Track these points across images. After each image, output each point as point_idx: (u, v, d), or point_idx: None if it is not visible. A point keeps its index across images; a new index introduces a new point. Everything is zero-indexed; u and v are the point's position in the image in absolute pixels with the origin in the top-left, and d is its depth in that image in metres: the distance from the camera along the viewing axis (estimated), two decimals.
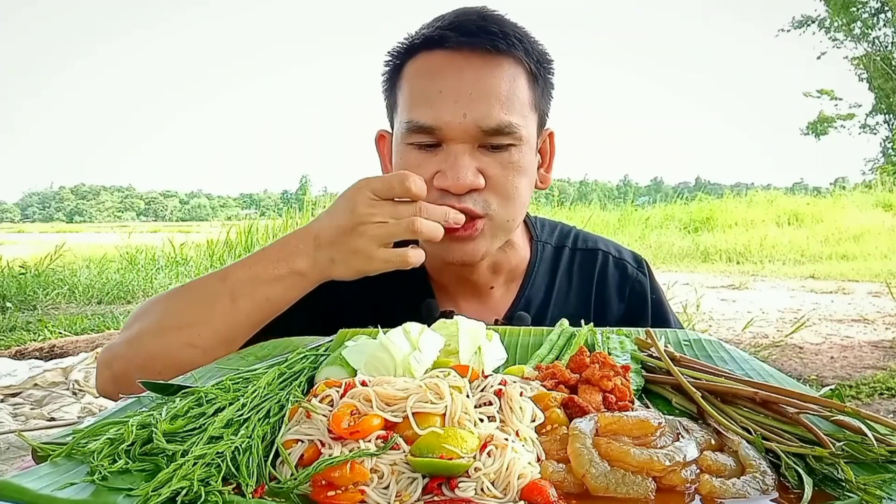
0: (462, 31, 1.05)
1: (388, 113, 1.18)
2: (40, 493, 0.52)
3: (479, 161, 1.05)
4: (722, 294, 7.61)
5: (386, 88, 1.17)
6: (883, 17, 19.56)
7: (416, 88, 1.08)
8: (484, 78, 1.04)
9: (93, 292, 7.68)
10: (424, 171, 1.05)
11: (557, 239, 1.31)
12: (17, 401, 3.64)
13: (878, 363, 4.52)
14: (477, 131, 1.03)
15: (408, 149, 1.08)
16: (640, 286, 1.29)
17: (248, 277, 1.00)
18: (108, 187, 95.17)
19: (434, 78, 1.06)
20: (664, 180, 78.01)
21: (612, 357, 0.79)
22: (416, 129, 1.05)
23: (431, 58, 1.08)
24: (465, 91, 1.03)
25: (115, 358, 1.05)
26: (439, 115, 1.03)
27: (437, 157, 1.06)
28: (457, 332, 0.82)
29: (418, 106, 1.06)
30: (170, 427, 0.61)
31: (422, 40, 1.09)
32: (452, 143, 1.04)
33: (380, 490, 0.55)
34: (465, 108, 1.03)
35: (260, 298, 1.00)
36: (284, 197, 55.03)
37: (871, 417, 0.65)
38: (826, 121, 21.67)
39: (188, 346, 0.99)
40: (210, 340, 0.99)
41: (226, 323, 1.00)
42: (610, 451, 0.59)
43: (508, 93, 1.05)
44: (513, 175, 1.07)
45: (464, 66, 1.05)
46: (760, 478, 0.58)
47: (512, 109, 1.05)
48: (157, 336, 1.02)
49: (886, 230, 11.55)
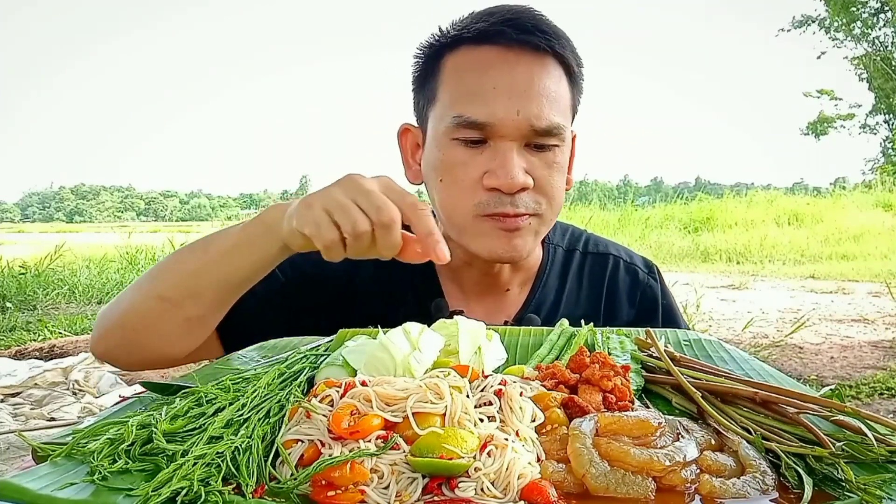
0: (518, 28, 1.05)
1: (417, 107, 1.16)
2: (40, 493, 0.52)
3: (526, 161, 1.05)
4: (722, 294, 7.61)
5: (419, 82, 1.15)
6: (883, 17, 19.56)
7: (466, 83, 1.06)
8: (536, 76, 1.04)
9: (93, 292, 7.68)
10: (472, 169, 1.04)
11: (569, 242, 1.31)
12: (17, 401, 3.64)
13: (878, 363, 4.52)
14: (528, 129, 1.03)
15: (453, 144, 1.06)
16: (651, 291, 1.29)
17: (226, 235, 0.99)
18: (108, 187, 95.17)
19: (486, 73, 1.04)
20: (664, 180, 78.02)
21: (611, 357, 0.79)
22: (466, 125, 1.04)
23: (479, 52, 1.06)
24: (518, 88, 1.03)
25: (101, 316, 1.07)
26: (492, 112, 1.02)
27: (483, 154, 1.04)
28: (457, 332, 0.82)
29: (469, 101, 1.04)
30: (170, 427, 0.61)
31: (472, 34, 1.07)
32: (501, 141, 1.03)
33: (380, 490, 0.55)
34: (518, 106, 1.02)
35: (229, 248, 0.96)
36: (284, 197, 55.06)
37: (871, 417, 0.65)
38: (826, 121, 21.67)
39: (158, 298, 0.99)
40: (180, 294, 0.98)
41: (195, 274, 0.98)
42: (610, 451, 0.59)
43: (556, 93, 1.06)
44: (556, 175, 1.07)
45: (516, 63, 1.04)
46: (760, 478, 0.58)
47: (559, 110, 1.06)
48: (133, 290, 1.03)
49: (886, 230, 11.55)
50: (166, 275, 1.01)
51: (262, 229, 0.93)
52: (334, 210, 0.81)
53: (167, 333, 1.01)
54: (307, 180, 21.95)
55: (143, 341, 1.03)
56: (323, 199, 0.82)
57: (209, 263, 0.97)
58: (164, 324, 1.00)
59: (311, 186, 15.47)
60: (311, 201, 0.84)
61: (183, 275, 0.99)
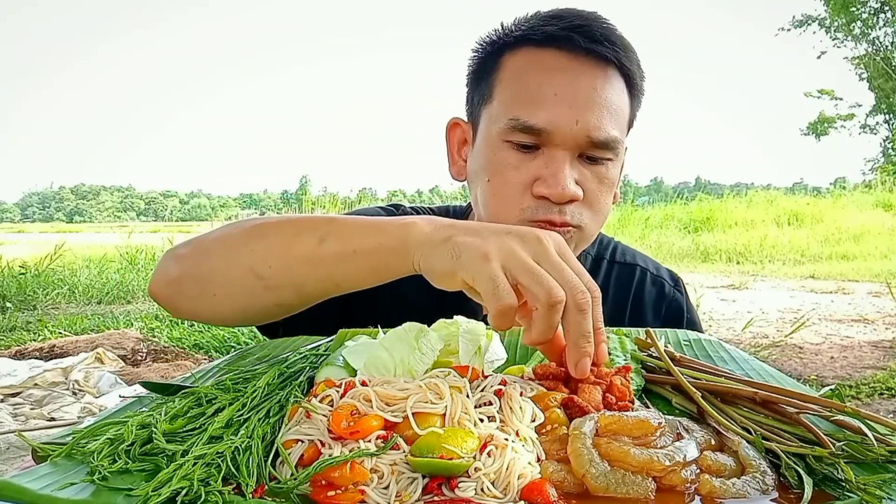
0: (587, 37, 1.02)
1: (470, 103, 1.13)
2: (40, 493, 0.52)
3: (578, 172, 1.02)
4: (722, 294, 7.61)
5: (474, 78, 1.12)
6: (883, 17, 19.55)
7: (526, 85, 1.03)
8: (599, 87, 1.02)
9: (93, 292, 7.69)
10: (523, 174, 1.02)
11: (597, 250, 1.30)
12: (17, 401, 3.64)
13: (878, 363, 4.53)
14: (585, 140, 1.00)
15: (505, 146, 1.03)
16: (678, 305, 1.29)
17: (348, 227, 0.84)
18: (108, 187, 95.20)
19: (549, 78, 1.02)
20: (664, 180, 78.02)
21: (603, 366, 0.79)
22: (522, 129, 1.01)
23: (543, 56, 1.03)
24: (580, 97, 1.00)
25: (175, 257, 0.95)
26: (552, 119, 0.99)
27: (535, 160, 1.02)
28: (457, 332, 0.82)
29: (528, 104, 1.01)
30: (170, 427, 0.61)
31: (540, 35, 1.04)
32: (555, 149, 1.01)
33: (380, 490, 0.55)
34: (578, 115, 0.99)
35: (347, 250, 0.82)
36: (284, 197, 55.03)
37: (871, 417, 0.65)
38: (826, 121, 21.67)
39: (252, 273, 0.87)
40: (277, 278, 0.86)
41: (303, 263, 0.85)
42: (610, 451, 0.59)
43: (617, 107, 1.03)
44: (605, 191, 1.05)
45: (581, 72, 1.02)
46: (760, 478, 0.58)
47: (618, 124, 1.03)
48: (229, 250, 0.90)
49: (886, 230, 11.55)
50: (269, 249, 0.87)
51: (399, 250, 0.78)
52: (520, 273, 0.68)
53: (255, 307, 0.91)
54: (307, 180, 22.05)
55: (224, 306, 0.93)
56: (503, 253, 0.69)
57: (325, 258, 0.83)
58: (253, 299, 0.89)
59: (311, 186, 15.54)
60: (488, 251, 0.69)
61: (290, 259, 0.86)
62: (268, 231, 0.89)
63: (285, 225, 0.89)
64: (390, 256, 0.79)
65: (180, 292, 0.94)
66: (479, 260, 0.69)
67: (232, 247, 0.90)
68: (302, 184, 16.46)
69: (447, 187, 21.63)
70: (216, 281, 0.90)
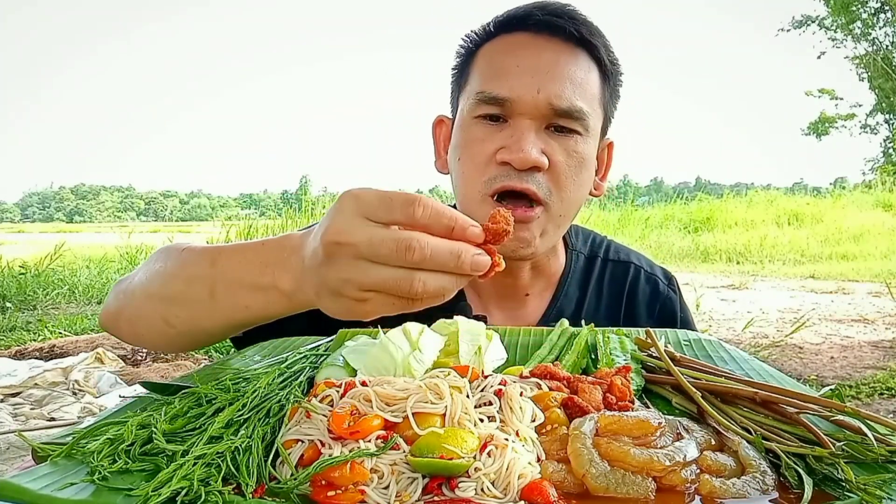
0: (548, 11, 1.07)
1: (452, 97, 1.18)
2: (40, 493, 0.52)
3: (544, 142, 1.04)
4: (722, 294, 7.61)
5: (456, 73, 1.17)
6: (883, 16, 19.55)
7: (492, 63, 1.08)
8: (562, 60, 1.06)
9: (93, 292, 7.68)
10: (488, 145, 1.05)
11: (590, 249, 1.30)
12: (17, 401, 3.64)
13: (878, 363, 4.52)
14: (548, 109, 1.03)
15: (474, 122, 1.07)
16: (671, 304, 1.29)
17: (233, 277, 0.84)
18: (108, 187, 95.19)
19: (513, 53, 1.07)
20: (664, 180, 78.00)
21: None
22: (487, 100, 1.05)
23: (512, 37, 1.09)
24: (542, 68, 1.04)
25: (116, 296, 1.01)
26: (512, 87, 1.03)
27: (502, 132, 1.05)
28: (457, 332, 0.82)
29: (492, 78, 1.06)
30: (170, 427, 0.61)
31: (503, 20, 1.10)
32: (520, 118, 1.04)
33: (380, 490, 0.55)
34: (539, 84, 1.03)
35: (239, 304, 0.83)
36: (284, 197, 55.03)
37: (871, 417, 0.65)
38: (827, 121, 21.66)
39: (164, 322, 0.91)
40: (185, 325, 0.90)
41: (202, 315, 0.88)
42: (610, 451, 0.59)
43: (583, 81, 1.06)
44: (574, 165, 1.06)
45: (544, 46, 1.06)
46: (760, 478, 0.58)
47: (584, 96, 1.06)
48: (144, 299, 0.95)
49: (886, 230, 11.55)
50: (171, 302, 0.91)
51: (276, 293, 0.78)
52: (384, 284, 0.63)
53: (174, 346, 0.97)
54: (307, 180, 22.06)
55: (151, 344, 1.00)
56: (339, 279, 0.65)
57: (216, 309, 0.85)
58: (171, 341, 0.94)
59: (311, 186, 15.41)
60: (335, 287, 0.66)
61: (189, 307, 0.88)
62: (170, 280, 0.92)
63: (182, 273, 0.91)
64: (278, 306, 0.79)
65: (119, 329, 1.01)
66: (333, 299, 0.67)
67: (146, 297, 0.94)
68: (302, 184, 16.43)
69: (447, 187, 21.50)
70: (141, 323, 0.96)
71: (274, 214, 13.28)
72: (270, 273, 0.79)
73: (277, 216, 11.34)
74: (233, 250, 0.87)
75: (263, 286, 0.79)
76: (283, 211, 10.93)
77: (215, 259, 0.87)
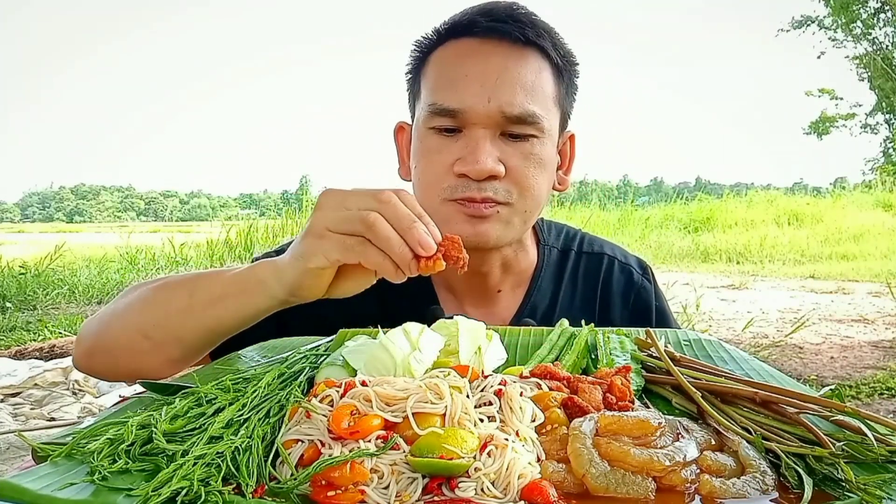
0: (491, 17, 1.06)
1: (410, 103, 1.18)
2: (40, 493, 0.52)
3: (499, 150, 1.04)
4: (722, 294, 7.61)
5: (410, 79, 1.17)
6: (883, 16, 19.55)
7: (442, 73, 1.08)
8: (511, 65, 1.05)
9: (93, 292, 7.68)
10: (445, 156, 1.05)
11: (563, 242, 1.30)
12: (17, 401, 3.64)
13: (878, 363, 4.52)
14: (500, 117, 1.03)
15: (429, 133, 1.07)
16: (646, 293, 1.29)
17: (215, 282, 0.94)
18: (108, 187, 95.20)
19: (461, 62, 1.06)
20: (664, 180, 77.99)
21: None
22: (439, 112, 1.05)
23: (459, 45, 1.08)
24: (490, 76, 1.03)
25: (86, 331, 1.04)
26: (463, 98, 1.03)
27: (458, 143, 1.05)
28: (457, 332, 0.82)
29: (442, 89, 1.06)
30: (170, 427, 0.61)
31: (449, 27, 1.10)
32: (474, 129, 1.04)
33: (380, 490, 0.55)
34: (489, 93, 1.03)
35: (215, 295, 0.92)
36: (284, 197, 55.04)
37: (871, 417, 0.65)
38: (828, 120, 21.65)
39: (140, 334, 0.95)
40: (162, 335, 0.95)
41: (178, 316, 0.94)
42: (610, 451, 0.59)
43: (534, 83, 1.06)
44: (533, 167, 1.06)
45: (491, 52, 1.05)
46: (760, 478, 0.58)
47: (536, 99, 1.05)
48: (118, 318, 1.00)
49: (886, 230, 11.54)
50: (151, 311, 0.97)
51: (252, 283, 0.88)
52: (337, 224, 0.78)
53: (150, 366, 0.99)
54: (307, 180, 22.03)
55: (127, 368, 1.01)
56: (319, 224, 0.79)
57: (194, 308, 0.93)
58: (147, 358, 0.97)
59: (311, 186, 15.52)
60: (314, 230, 0.80)
61: (167, 315, 0.95)
62: (152, 293, 0.99)
63: (166, 285, 1.00)
64: (251, 295, 0.89)
65: (93, 365, 1.05)
66: (314, 242, 0.79)
67: (124, 315, 0.99)
68: (302, 184, 16.42)
69: None
70: (118, 349, 0.99)
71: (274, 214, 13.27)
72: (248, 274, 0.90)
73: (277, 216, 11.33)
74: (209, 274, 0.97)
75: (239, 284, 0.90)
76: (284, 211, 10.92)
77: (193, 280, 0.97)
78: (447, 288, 1.21)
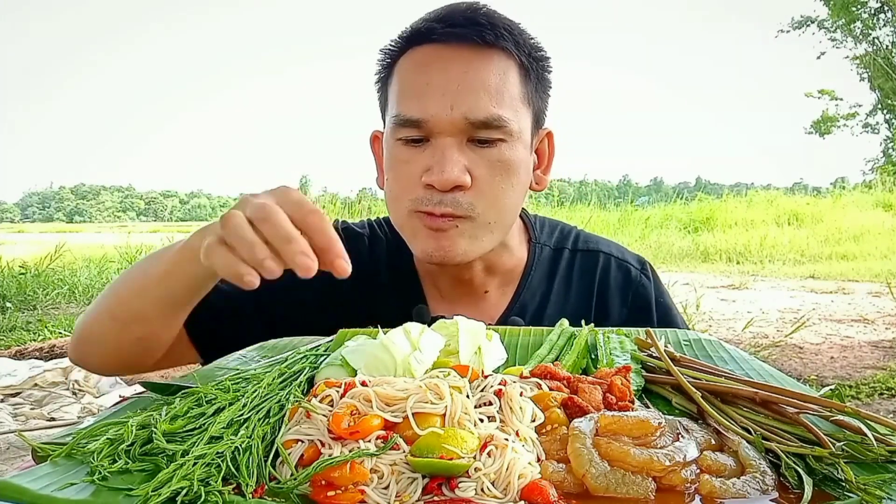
0: (449, 23, 1.04)
1: (381, 112, 1.17)
2: (40, 493, 0.52)
3: (467, 157, 1.02)
4: (722, 294, 7.61)
5: (379, 87, 1.15)
6: (883, 17, 19.55)
7: (405, 82, 1.06)
8: (472, 70, 1.03)
9: (93, 292, 7.67)
10: (413, 167, 1.04)
11: (557, 240, 1.27)
12: (17, 401, 3.64)
13: (878, 363, 4.52)
14: (464, 124, 1.01)
15: (397, 144, 1.06)
16: (644, 290, 1.25)
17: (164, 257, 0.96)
18: (108, 187, 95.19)
19: (423, 71, 1.04)
20: (664, 180, 77.98)
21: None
22: (404, 123, 1.04)
23: (421, 52, 1.06)
24: (452, 83, 1.01)
25: (77, 323, 1.10)
26: (426, 108, 1.01)
27: (425, 152, 1.03)
28: (457, 332, 0.82)
29: (406, 99, 1.05)
30: (170, 427, 0.61)
31: (409, 34, 1.08)
32: (440, 137, 1.02)
33: (380, 490, 0.55)
34: (452, 101, 1.01)
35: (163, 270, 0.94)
36: None
37: (871, 417, 0.65)
38: (830, 120, 21.64)
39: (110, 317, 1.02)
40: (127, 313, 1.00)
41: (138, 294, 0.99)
42: (610, 451, 0.59)
43: (498, 85, 1.03)
44: (501, 174, 1.04)
45: (452, 58, 1.03)
46: (760, 478, 0.58)
47: (501, 102, 1.03)
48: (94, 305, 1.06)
49: (886, 230, 11.54)
50: (115, 293, 1.03)
51: (189, 255, 0.88)
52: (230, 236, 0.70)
53: (123, 350, 1.04)
54: (307, 180, 22.00)
55: (106, 355, 1.07)
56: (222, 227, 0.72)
57: (149, 285, 0.97)
58: (118, 342, 1.02)
59: (311, 186, 15.51)
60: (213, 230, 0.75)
61: (129, 295, 1.01)
62: (116, 280, 1.06)
63: (126, 271, 1.06)
64: (190, 266, 0.89)
65: (79, 355, 1.10)
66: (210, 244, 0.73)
67: (98, 302, 1.06)
68: (302, 184, 16.39)
69: None
70: (92, 335, 1.06)
71: None
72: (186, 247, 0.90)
73: None
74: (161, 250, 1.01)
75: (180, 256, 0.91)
76: None
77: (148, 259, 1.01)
78: (434, 286, 1.20)
